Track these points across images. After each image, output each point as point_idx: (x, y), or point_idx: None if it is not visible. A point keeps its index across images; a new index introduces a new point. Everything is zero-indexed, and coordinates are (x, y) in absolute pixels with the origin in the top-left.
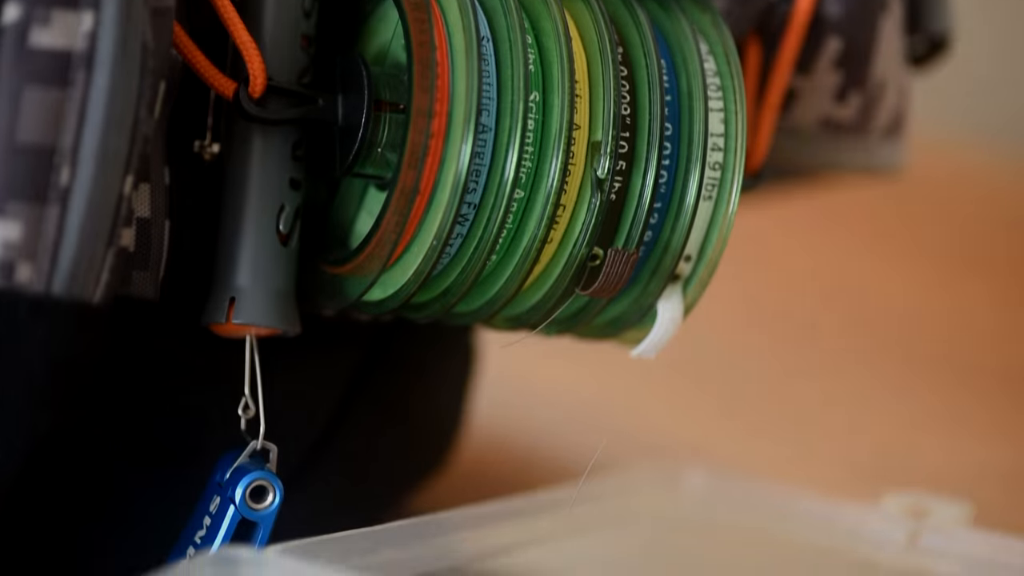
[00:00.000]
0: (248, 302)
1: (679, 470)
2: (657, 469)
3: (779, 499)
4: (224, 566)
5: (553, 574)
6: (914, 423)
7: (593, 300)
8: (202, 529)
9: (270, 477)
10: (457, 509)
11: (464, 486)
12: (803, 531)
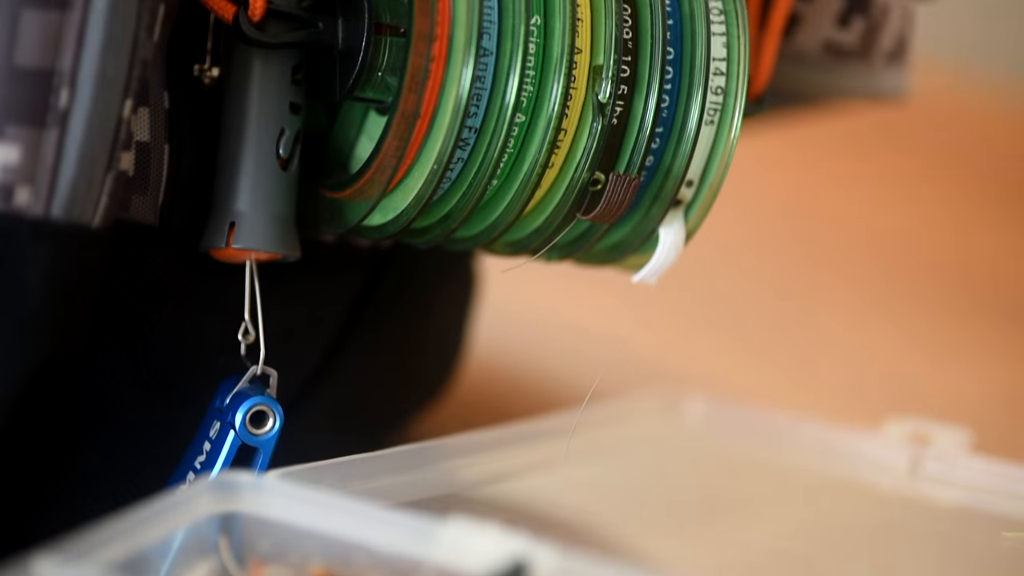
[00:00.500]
0: (248, 227)
1: (680, 397)
2: (657, 396)
3: (780, 426)
4: (224, 491)
5: (553, 501)
6: (915, 350)
7: (594, 225)
8: (202, 454)
9: (270, 402)
10: (457, 435)
11: (464, 413)
12: (804, 458)
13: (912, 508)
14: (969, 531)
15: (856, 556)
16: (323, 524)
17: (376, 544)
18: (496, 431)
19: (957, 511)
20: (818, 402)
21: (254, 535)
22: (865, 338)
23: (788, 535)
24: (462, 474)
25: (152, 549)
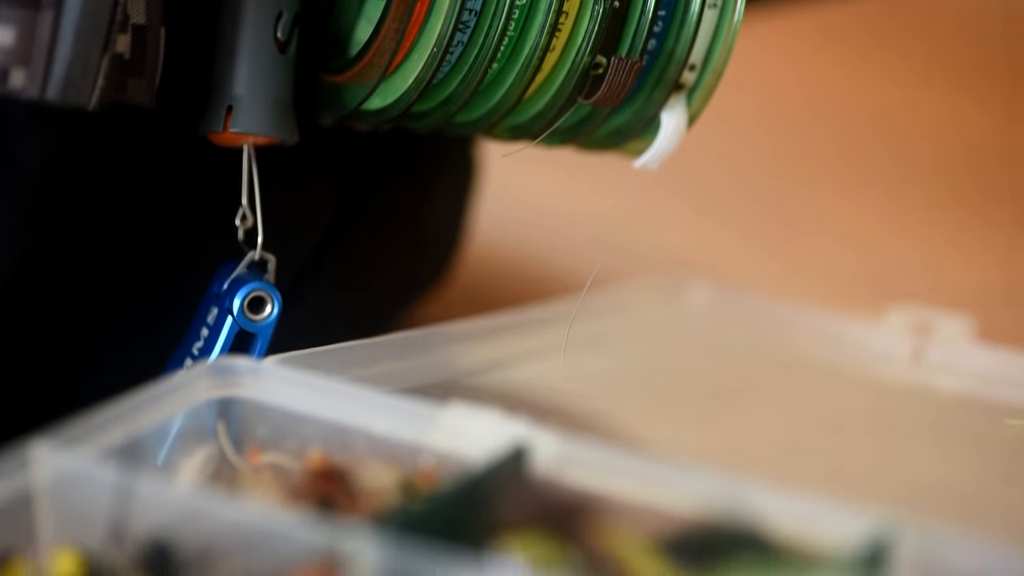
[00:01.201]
0: (246, 111)
1: (681, 284)
2: (659, 284)
3: (782, 313)
4: (222, 376)
5: (553, 387)
6: (918, 238)
7: (596, 110)
8: (199, 340)
9: (268, 288)
10: (457, 322)
11: (463, 300)
12: (807, 347)
13: (915, 396)
14: (972, 419)
15: (859, 443)
16: (322, 409)
17: (375, 429)
18: (496, 318)
19: (960, 399)
20: (818, 290)
21: (252, 421)
22: (865, 226)
23: (790, 422)
24: (462, 361)
25: (149, 434)
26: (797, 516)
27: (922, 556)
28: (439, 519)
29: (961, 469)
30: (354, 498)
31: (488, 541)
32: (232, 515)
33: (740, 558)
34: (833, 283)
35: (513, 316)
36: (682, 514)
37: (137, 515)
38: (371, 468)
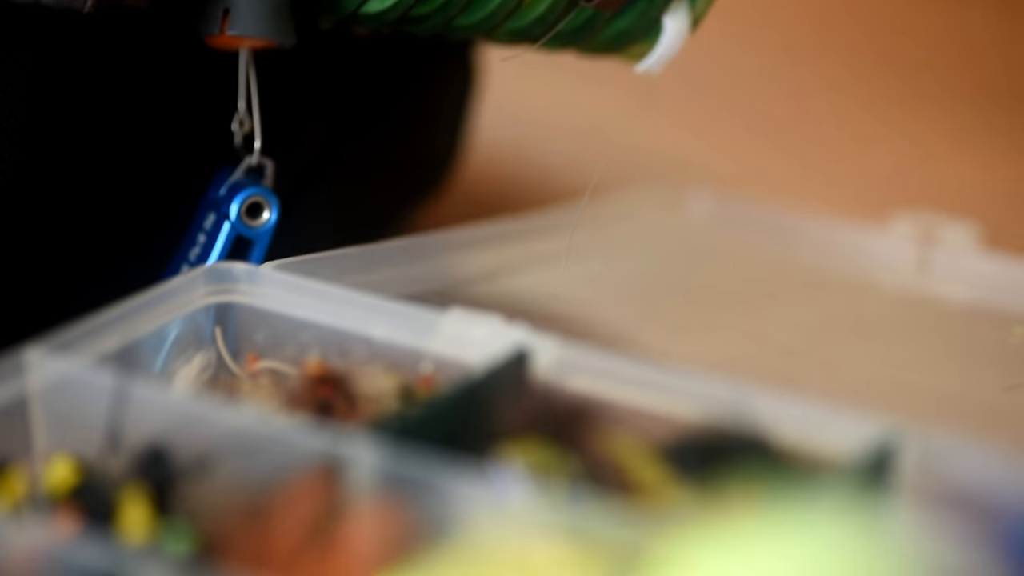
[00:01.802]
0: (243, 13)
1: (683, 192)
2: (661, 191)
3: (785, 220)
4: (219, 281)
5: (554, 295)
6: (922, 145)
7: (598, 14)
8: (196, 247)
9: (266, 193)
10: (457, 230)
11: (464, 208)
12: (810, 254)
13: (919, 304)
14: (977, 327)
15: (863, 351)
16: (320, 315)
17: (374, 335)
18: (497, 226)
19: (965, 307)
20: (821, 196)
21: (250, 326)
22: (869, 132)
23: (793, 330)
24: (462, 268)
25: (145, 340)
26: (801, 423)
27: (926, 463)
28: (438, 424)
29: (966, 377)
30: (352, 404)
31: (488, 447)
32: (229, 421)
33: (743, 465)
34: (836, 190)
35: (514, 224)
36: (684, 420)
37: (133, 421)
38: (370, 374)
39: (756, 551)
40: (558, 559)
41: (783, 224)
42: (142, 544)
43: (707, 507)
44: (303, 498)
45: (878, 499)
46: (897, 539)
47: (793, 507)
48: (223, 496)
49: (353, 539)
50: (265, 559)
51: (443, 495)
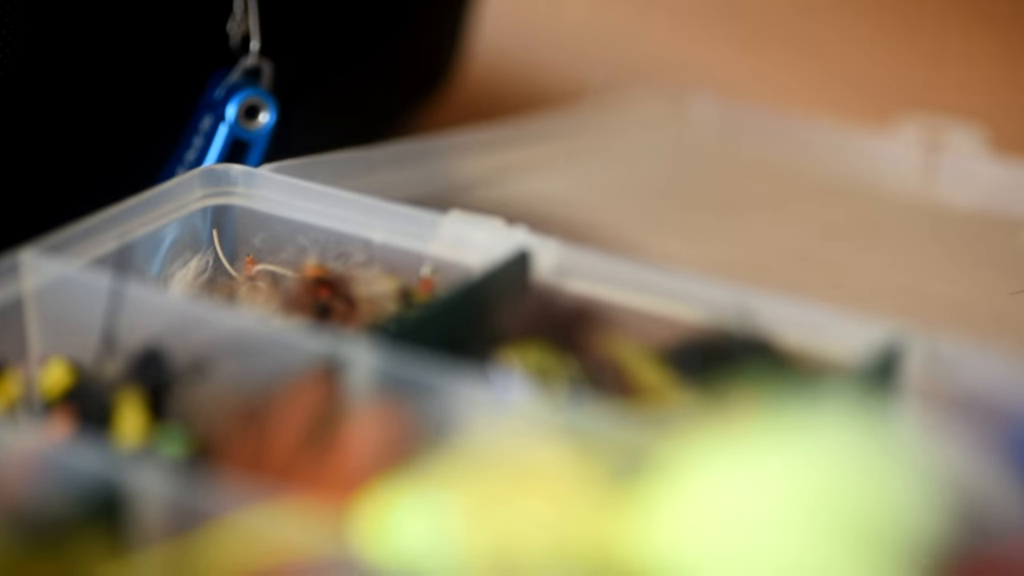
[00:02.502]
0: None
1: (685, 97)
2: (663, 97)
3: (791, 127)
4: (216, 183)
5: (555, 199)
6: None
7: None
8: (193, 149)
9: (263, 95)
10: (457, 133)
11: (464, 112)
12: (815, 160)
13: (926, 210)
14: (984, 233)
15: (868, 256)
16: (319, 217)
17: (374, 238)
18: (498, 129)
19: (972, 213)
20: (825, 101)
21: (247, 229)
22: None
23: (797, 236)
24: (462, 172)
25: (142, 243)
26: (805, 327)
27: (931, 366)
28: (436, 326)
29: (972, 282)
30: (351, 307)
31: (488, 349)
32: (226, 324)
33: (746, 368)
34: (840, 94)
35: (515, 127)
36: (686, 323)
37: (129, 323)
38: (369, 277)
39: (760, 454)
40: (559, 462)
41: (786, 129)
42: (137, 447)
43: (710, 410)
44: (301, 400)
45: (883, 403)
46: (902, 443)
47: (797, 410)
48: (220, 399)
49: (351, 442)
50: (262, 462)
51: (442, 397)
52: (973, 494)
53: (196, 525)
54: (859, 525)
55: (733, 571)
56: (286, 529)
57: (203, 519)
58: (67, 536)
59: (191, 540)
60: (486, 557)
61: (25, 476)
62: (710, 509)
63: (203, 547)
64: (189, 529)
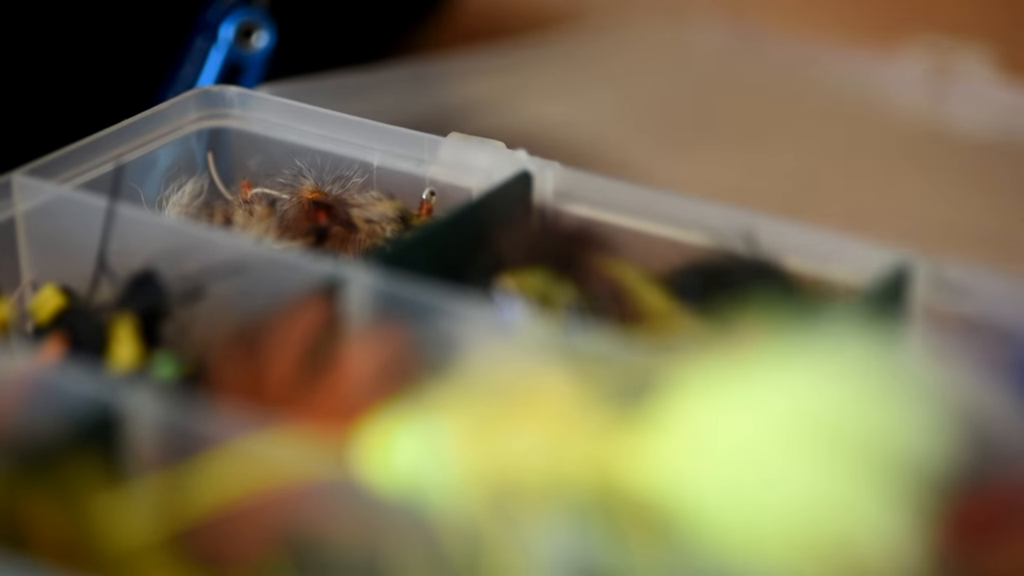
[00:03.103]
0: None
1: (690, 20)
2: (667, 20)
3: (796, 50)
4: (211, 105)
5: (556, 123)
6: None
7: None
8: (188, 71)
9: (259, 16)
10: (458, 56)
11: (463, 33)
12: (822, 85)
13: (934, 134)
14: (993, 157)
15: (874, 181)
16: (316, 140)
17: (372, 160)
18: (498, 53)
19: (981, 136)
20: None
21: (243, 152)
22: None
23: (802, 159)
24: (462, 95)
25: (136, 165)
26: (811, 251)
27: (939, 290)
28: (436, 249)
29: (981, 206)
30: (349, 230)
31: (488, 272)
32: (222, 247)
33: (751, 292)
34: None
35: (517, 51)
36: (690, 247)
37: (123, 247)
38: (367, 200)
39: (764, 379)
40: (559, 386)
41: (792, 53)
42: (130, 370)
43: (714, 335)
44: (298, 323)
45: (890, 327)
46: (909, 367)
47: (803, 335)
48: (215, 323)
49: (349, 365)
50: (258, 386)
51: (441, 320)
52: (981, 418)
53: (190, 448)
54: (866, 450)
55: (737, 497)
56: (284, 453)
57: (196, 442)
58: (60, 461)
59: (188, 465)
60: (484, 480)
61: (17, 400)
62: (714, 434)
63: (200, 472)
64: (183, 452)
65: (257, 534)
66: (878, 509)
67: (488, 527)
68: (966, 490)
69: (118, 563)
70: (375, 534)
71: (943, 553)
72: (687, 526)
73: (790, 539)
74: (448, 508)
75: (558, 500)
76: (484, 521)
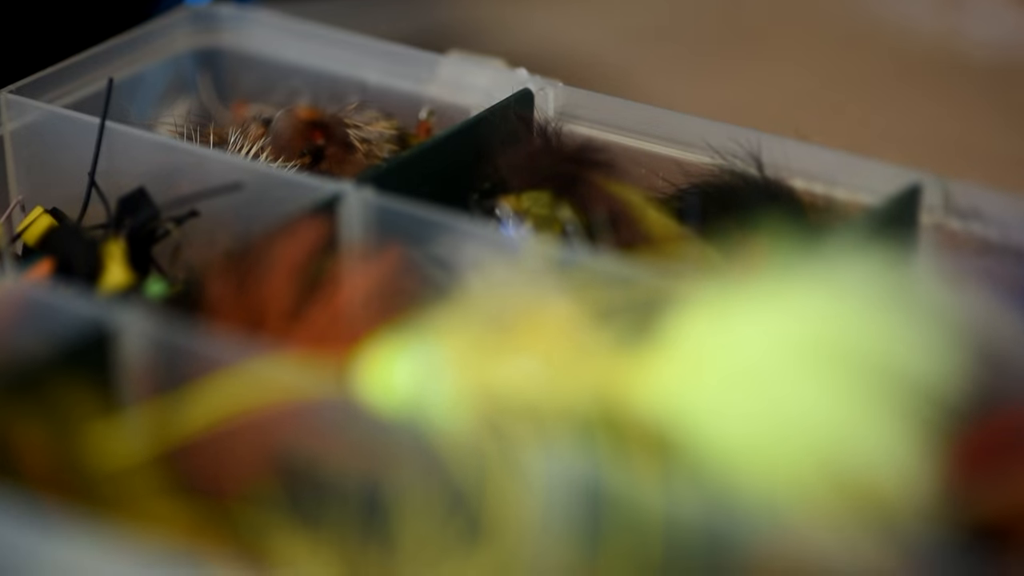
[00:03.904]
0: None
1: None
2: None
3: None
4: (204, 23)
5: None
6: None
7: None
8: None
9: None
10: None
11: None
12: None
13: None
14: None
15: (884, 100)
16: (312, 58)
17: (369, 79)
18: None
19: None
20: None
21: (237, 71)
22: None
23: (810, 78)
24: (463, 12)
25: (127, 85)
26: (819, 171)
27: (949, 211)
28: (434, 168)
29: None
30: (345, 150)
31: (488, 193)
32: (216, 166)
33: (759, 214)
34: None
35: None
36: (695, 168)
37: (114, 166)
38: (364, 119)
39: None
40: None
41: None
42: (120, 288)
43: (719, 257)
44: (293, 244)
45: (900, 248)
46: (919, 289)
47: (810, 256)
48: (208, 244)
49: (346, 286)
50: (253, 308)
51: (440, 241)
52: (991, 340)
53: (181, 367)
54: (873, 371)
55: (742, 418)
56: (279, 373)
57: (188, 360)
58: (49, 382)
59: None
60: (484, 401)
61: (6, 321)
62: (718, 355)
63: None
64: (174, 371)
65: (251, 455)
66: (885, 430)
67: (489, 448)
68: (977, 414)
69: (107, 486)
70: (374, 457)
71: (952, 477)
72: (691, 447)
73: (795, 460)
74: (448, 429)
75: (560, 421)
76: (485, 442)
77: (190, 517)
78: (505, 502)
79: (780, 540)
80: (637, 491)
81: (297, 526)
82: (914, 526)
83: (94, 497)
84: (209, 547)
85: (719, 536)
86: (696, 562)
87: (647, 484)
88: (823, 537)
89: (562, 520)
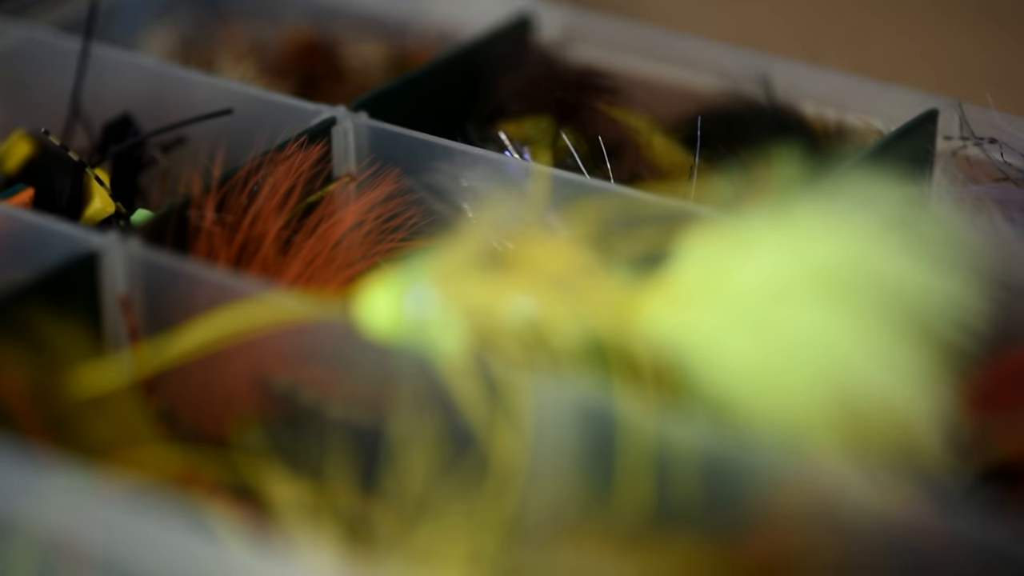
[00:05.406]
0: None
1: None
2: None
3: None
4: None
5: None
6: None
7: None
8: None
9: None
10: None
11: None
12: None
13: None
14: None
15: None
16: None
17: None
18: None
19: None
20: None
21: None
22: None
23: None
24: None
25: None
26: (831, 95)
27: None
28: (430, 94)
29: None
30: (339, 76)
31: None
32: (205, 90)
33: (769, 140)
34: None
35: None
36: (704, 92)
37: (98, 89)
38: (358, 45)
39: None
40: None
41: None
42: (103, 217)
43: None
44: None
45: (915, 175)
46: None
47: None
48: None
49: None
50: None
51: (438, 167)
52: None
53: (166, 291)
54: (888, 301)
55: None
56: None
57: (173, 284)
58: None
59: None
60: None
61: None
62: (730, 285)
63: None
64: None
65: (242, 382)
66: (898, 358)
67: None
68: (993, 343)
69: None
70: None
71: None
72: (699, 376)
73: (806, 388)
74: (449, 358)
75: (563, 348)
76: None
77: (178, 450)
78: (507, 430)
79: (791, 471)
80: (642, 419)
81: (289, 462)
82: (929, 457)
83: (77, 427)
84: (197, 484)
85: (728, 466)
86: (704, 495)
87: (652, 412)
88: (835, 468)
89: (564, 449)
